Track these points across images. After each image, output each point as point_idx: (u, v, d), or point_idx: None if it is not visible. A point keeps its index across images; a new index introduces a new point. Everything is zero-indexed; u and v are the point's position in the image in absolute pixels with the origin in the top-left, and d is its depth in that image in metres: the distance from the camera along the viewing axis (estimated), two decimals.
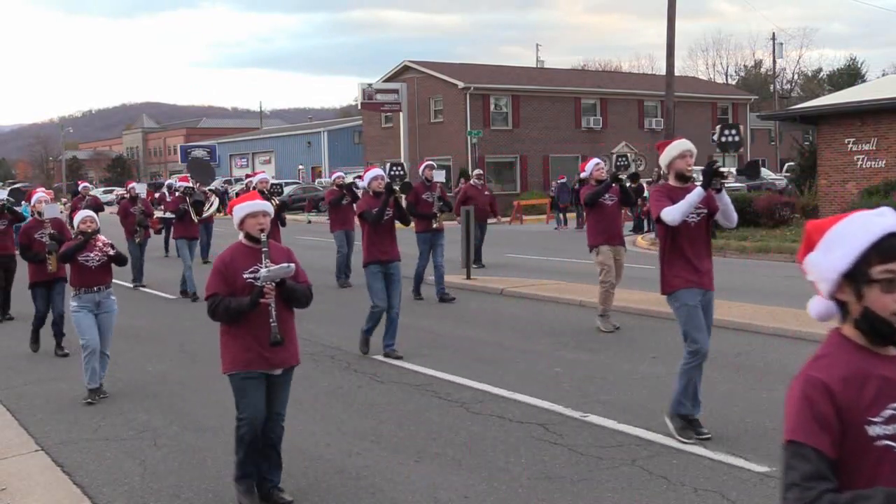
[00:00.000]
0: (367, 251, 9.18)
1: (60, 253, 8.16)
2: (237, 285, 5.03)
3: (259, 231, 5.10)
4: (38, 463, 6.32)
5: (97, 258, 7.94)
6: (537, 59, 66.20)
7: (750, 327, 10.28)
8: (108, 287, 8.06)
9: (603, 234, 10.37)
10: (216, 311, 5.02)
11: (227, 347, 5.16)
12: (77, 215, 8.32)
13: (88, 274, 7.94)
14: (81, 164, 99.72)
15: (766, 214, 23.32)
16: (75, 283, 7.99)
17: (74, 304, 7.89)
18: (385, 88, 42.76)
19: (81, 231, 8.04)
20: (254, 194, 5.36)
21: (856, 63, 76.82)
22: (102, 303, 7.97)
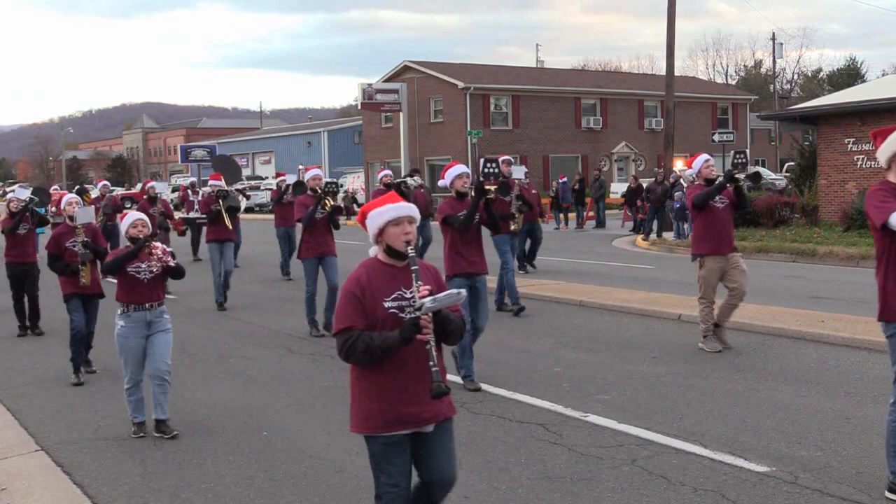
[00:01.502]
0: (450, 261, 8.03)
1: (107, 263, 6.81)
2: (377, 316, 3.83)
3: (406, 244, 3.89)
4: (38, 463, 6.32)
5: (150, 269, 6.76)
6: (537, 59, 66.24)
7: (750, 327, 10.29)
8: (161, 304, 6.83)
9: (711, 241, 9.07)
10: (353, 350, 3.80)
11: (361, 400, 3.97)
12: (125, 218, 6.99)
13: (139, 288, 6.71)
14: (81, 164, 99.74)
15: (766, 214, 23.34)
16: (123, 298, 6.72)
17: (121, 323, 6.68)
18: (385, 88, 42.77)
19: (132, 237, 6.81)
20: (392, 195, 4.07)
21: (855, 63, 76.87)
22: (154, 323, 6.75)
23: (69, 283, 8.74)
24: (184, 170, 68.08)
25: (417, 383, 3.82)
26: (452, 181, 8.15)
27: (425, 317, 3.73)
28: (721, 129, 42.65)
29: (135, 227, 6.81)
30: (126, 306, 6.71)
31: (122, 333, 6.69)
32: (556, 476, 5.65)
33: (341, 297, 3.91)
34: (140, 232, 6.79)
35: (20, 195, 11.58)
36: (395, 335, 3.75)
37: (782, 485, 5.36)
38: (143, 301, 6.69)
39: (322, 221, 10.49)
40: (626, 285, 14.40)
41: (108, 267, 6.78)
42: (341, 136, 60.32)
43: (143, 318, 6.70)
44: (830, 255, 17.61)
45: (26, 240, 11.41)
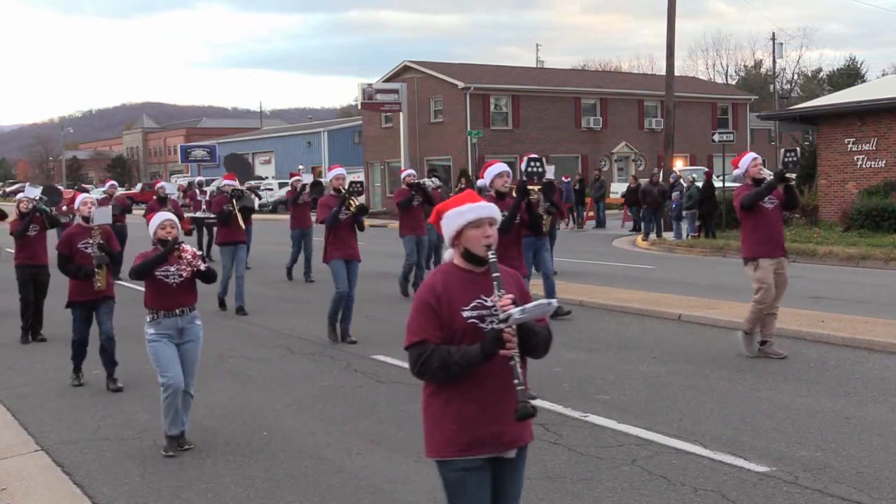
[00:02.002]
0: None
1: (136, 267, 6.37)
2: (454, 327, 3.44)
3: (486, 248, 3.50)
4: (38, 463, 6.32)
5: (180, 273, 6.40)
6: (537, 59, 66.25)
7: None
8: (193, 309, 6.51)
9: (763, 243, 8.76)
10: (428, 366, 3.40)
11: (438, 421, 3.53)
12: (153, 219, 6.56)
13: (168, 293, 6.37)
14: (81, 164, 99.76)
15: None
16: (152, 304, 6.39)
17: (151, 331, 6.35)
18: (385, 88, 42.75)
19: (161, 239, 6.44)
20: (470, 193, 3.68)
21: (855, 63, 76.84)
22: (186, 330, 6.44)
23: (77, 289, 8.24)
24: (184, 170, 68.06)
25: (499, 402, 3.46)
26: (492, 180, 7.72)
27: (509, 329, 3.34)
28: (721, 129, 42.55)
29: (163, 229, 6.43)
30: (155, 313, 6.36)
31: (152, 340, 6.33)
32: (556, 476, 5.65)
33: (414, 306, 3.50)
34: (169, 234, 6.42)
35: (30, 194, 11.14)
36: (475, 350, 3.37)
37: (782, 485, 5.36)
38: (172, 306, 6.35)
39: (346, 223, 9.99)
40: (626, 285, 14.41)
41: (137, 271, 6.36)
42: (341, 136, 60.29)
43: (173, 325, 6.37)
44: (830, 255, 17.62)
45: (37, 241, 10.94)
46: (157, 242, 6.45)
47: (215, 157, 49.94)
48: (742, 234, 9.13)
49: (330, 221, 9.89)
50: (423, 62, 45.44)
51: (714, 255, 20.10)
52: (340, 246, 9.99)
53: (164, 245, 6.40)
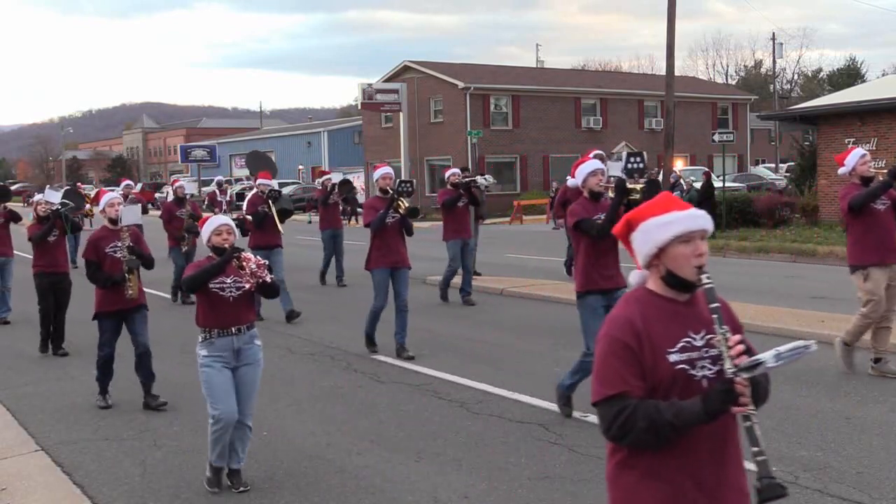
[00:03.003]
0: (583, 275, 6.73)
1: (189, 278, 5.54)
2: (658, 376, 2.64)
3: (698, 269, 2.71)
4: (38, 463, 6.32)
5: (238, 286, 5.54)
6: (537, 59, 66.24)
7: (750, 327, 10.25)
8: (252, 327, 5.64)
9: (875, 249, 7.78)
10: (630, 427, 2.65)
11: (633, 500, 2.83)
12: (206, 224, 5.75)
13: (224, 309, 5.51)
14: (81, 164, 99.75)
15: (766, 214, 23.34)
16: (205, 321, 5.56)
17: (203, 353, 5.54)
18: (385, 88, 42.74)
19: (216, 246, 5.58)
20: (668, 197, 2.83)
21: (855, 63, 76.80)
22: (243, 351, 5.55)
23: (105, 298, 7.53)
24: (184, 169, 68.10)
25: (717, 476, 2.70)
26: (586, 179, 6.87)
27: (741, 380, 2.57)
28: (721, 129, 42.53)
29: (219, 235, 5.61)
30: (208, 332, 5.53)
31: (205, 364, 5.51)
32: (556, 476, 5.65)
33: (605, 346, 2.69)
34: (225, 241, 5.58)
35: (50, 198, 10.41)
36: (695, 406, 2.57)
37: None
38: (228, 324, 5.50)
39: (394, 227, 9.17)
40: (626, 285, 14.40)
41: (190, 283, 5.52)
42: (341, 136, 60.29)
43: (228, 346, 5.51)
44: (830, 255, 17.61)
45: (57, 248, 10.28)
46: (212, 250, 5.61)
47: (215, 157, 49.98)
48: (849, 239, 8.13)
49: (376, 225, 9.08)
50: (424, 62, 45.45)
51: (714, 255, 20.09)
52: (386, 252, 9.17)
53: (220, 253, 5.55)
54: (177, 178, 16.97)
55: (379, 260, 9.19)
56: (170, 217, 14.15)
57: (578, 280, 6.79)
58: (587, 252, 6.70)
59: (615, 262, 6.75)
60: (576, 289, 6.85)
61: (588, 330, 6.78)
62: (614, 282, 6.70)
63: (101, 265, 7.52)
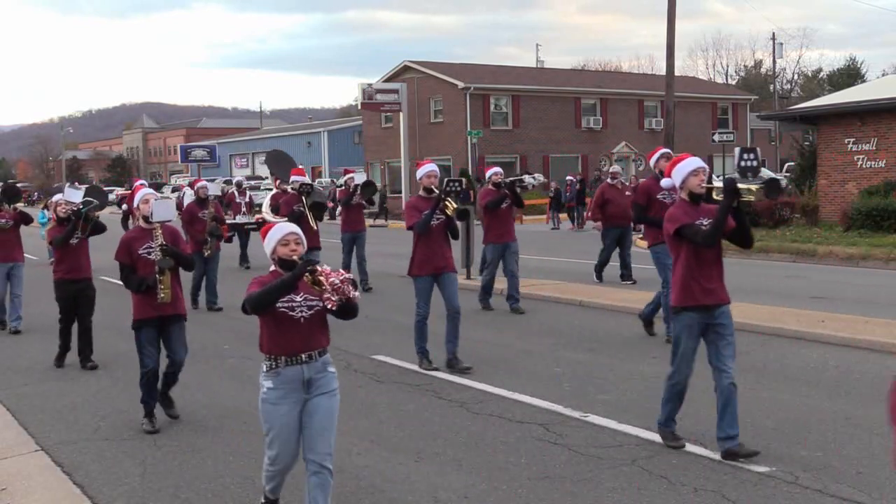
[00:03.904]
0: (682, 289, 5.96)
1: (255, 297, 4.55)
2: None
3: None
4: (38, 463, 6.32)
5: (309, 305, 4.63)
6: (537, 59, 66.25)
7: (750, 327, 10.29)
8: (325, 353, 4.76)
9: None
10: None
11: None
12: (270, 233, 4.82)
13: (293, 332, 4.62)
14: (81, 164, 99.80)
15: (766, 214, 23.33)
16: (270, 347, 4.66)
17: (268, 385, 4.62)
18: (385, 88, 42.77)
19: (284, 259, 4.69)
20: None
21: (855, 63, 76.79)
22: (315, 382, 4.67)
23: (143, 304, 6.88)
24: (184, 170, 68.07)
25: None
26: (686, 178, 6.01)
27: None
28: (721, 129, 42.65)
29: (286, 245, 4.71)
30: (274, 360, 4.63)
31: (269, 399, 4.62)
32: (556, 476, 5.65)
33: None
34: (293, 252, 4.69)
35: (71, 197, 9.52)
36: None
37: (782, 485, 5.36)
38: (298, 350, 4.61)
39: (439, 229, 8.51)
40: (626, 285, 14.41)
41: (255, 304, 4.55)
42: (341, 136, 60.30)
43: (298, 376, 4.62)
44: (830, 255, 17.61)
45: (79, 251, 9.38)
46: (279, 264, 4.73)
47: (215, 157, 50.02)
48: None
49: (421, 227, 8.42)
50: (423, 62, 45.46)
51: None
52: (431, 257, 8.51)
53: (289, 267, 4.63)
54: (198, 178, 16.01)
55: (423, 266, 8.54)
56: (191, 219, 13.22)
57: (675, 293, 6.04)
58: (687, 262, 5.93)
59: (718, 275, 5.97)
60: (672, 303, 6.12)
61: (679, 350, 6.08)
62: (716, 297, 5.94)
63: (136, 267, 6.93)
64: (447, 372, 8.55)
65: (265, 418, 4.66)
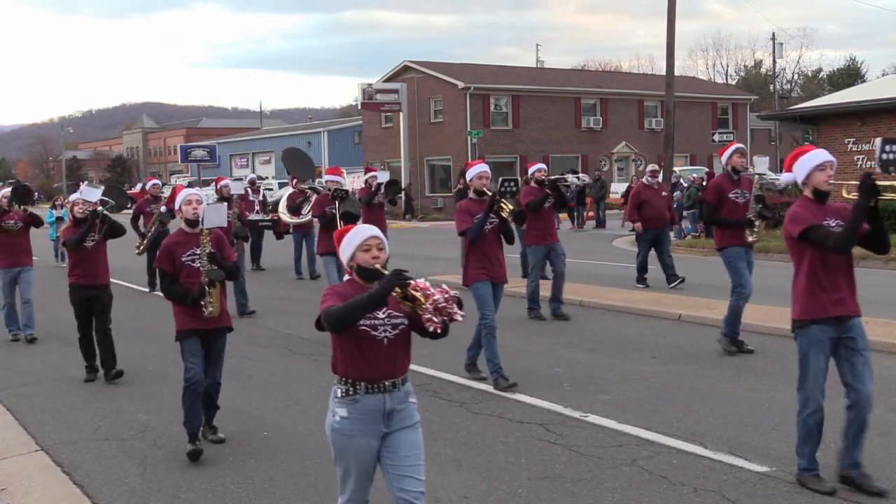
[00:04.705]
0: (807, 299, 5.54)
1: (335, 313, 3.81)
2: None
3: None
4: (38, 463, 6.33)
5: (395, 322, 3.99)
6: (537, 59, 66.27)
7: (750, 327, 10.28)
8: (407, 380, 4.11)
9: None
10: None
11: None
12: (347, 237, 4.10)
13: (376, 354, 3.96)
14: (81, 164, 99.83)
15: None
16: (345, 370, 3.99)
17: (342, 414, 3.99)
18: (385, 88, 42.79)
19: (363, 266, 4.04)
20: None
21: (856, 63, 76.82)
22: (397, 413, 4.06)
23: (187, 315, 6.36)
24: (184, 169, 68.13)
25: None
26: (811, 174, 5.46)
27: None
28: (721, 129, 42.70)
29: (367, 251, 4.03)
30: (351, 385, 3.98)
31: (343, 429, 4.00)
32: (556, 476, 5.65)
33: None
34: (376, 259, 4.02)
35: (88, 196, 8.99)
36: None
37: (782, 485, 5.36)
38: (380, 376, 3.98)
39: (492, 234, 7.91)
40: (626, 285, 14.41)
41: (336, 321, 3.81)
42: (341, 136, 60.31)
43: (379, 406, 3.99)
44: None
45: (96, 255, 8.79)
46: (358, 272, 4.06)
47: (215, 157, 50.04)
48: None
49: (474, 233, 7.79)
50: (423, 62, 45.47)
51: (714, 255, 20.06)
52: (486, 264, 7.90)
53: (369, 276, 4.01)
54: (221, 177, 15.16)
55: (479, 273, 7.92)
56: None
57: (799, 304, 5.54)
58: (812, 268, 5.40)
59: (848, 283, 5.42)
60: (794, 315, 5.62)
61: (808, 371, 5.53)
62: (846, 308, 5.39)
63: (178, 277, 6.37)
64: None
65: (338, 451, 4.09)
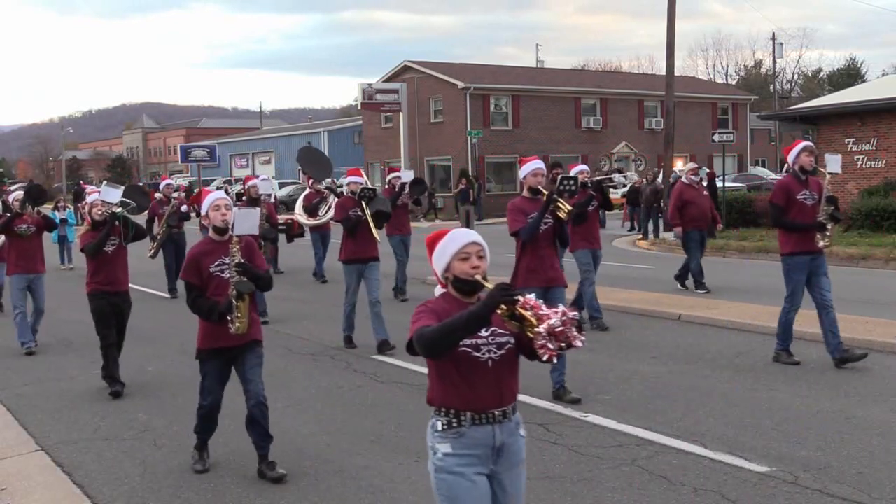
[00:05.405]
0: None
1: (432, 337, 3.28)
2: None
3: None
4: (38, 463, 6.33)
5: (500, 341, 3.50)
6: (537, 59, 66.28)
7: (750, 327, 10.30)
8: (515, 407, 3.57)
9: None
10: None
11: None
12: (444, 242, 3.59)
13: (480, 379, 3.46)
14: (81, 164, 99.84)
15: (766, 214, 23.32)
16: (446, 399, 3.53)
17: (444, 450, 3.50)
18: (385, 88, 42.79)
19: (462, 278, 3.54)
20: None
21: (855, 63, 76.90)
22: (507, 448, 3.51)
23: (211, 331, 5.77)
24: (184, 169, 68.12)
25: None
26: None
27: None
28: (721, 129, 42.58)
29: (465, 260, 3.55)
30: (455, 416, 3.50)
31: (448, 468, 3.48)
32: (556, 476, 5.65)
33: None
34: (476, 269, 3.55)
35: (108, 197, 8.31)
36: None
37: (782, 485, 5.36)
38: (486, 405, 3.47)
39: (546, 235, 7.22)
40: (626, 285, 14.41)
41: (434, 343, 3.28)
42: (341, 136, 60.37)
43: (487, 440, 3.47)
44: (830, 256, 17.54)
45: (116, 260, 8.19)
46: (456, 284, 3.58)
47: (215, 157, 49.98)
48: None
49: (528, 234, 7.17)
50: (423, 62, 45.47)
51: (714, 256, 20.09)
52: (538, 267, 7.28)
53: (468, 289, 3.57)
54: (250, 176, 14.47)
55: (529, 278, 7.23)
56: None
57: None
58: None
59: None
60: None
61: None
62: None
63: (205, 289, 5.76)
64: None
65: (445, 495, 3.47)
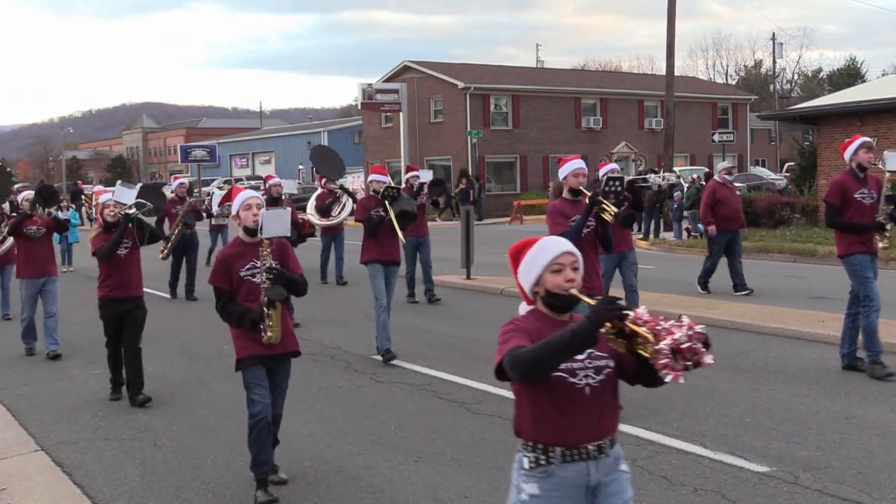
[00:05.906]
0: None
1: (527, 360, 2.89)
2: None
3: None
4: (38, 463, 6.33)
5: (599, 365, 3.07)
6: (537, 59, 66.28)
7: (750, 327, 10.30)
8: (614, 440, 3.18)
9: None
10: None
11: None
12: (533, 251, 3.18)
13: (572, 408, 3.05)
14: (81, 164, 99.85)
15: (766, 214, 23.34)
16: (537, 433, 3.17)
17: (530, 490, 3.12)
18: (385, 88, 42.77)
19: (556, 293, 3.13)
20: None
21: (855, 63, 76.84)
22: (604, 487, 3.11)
23: (247, 339, 5.44)
24: (184, 169, 68.13)
25: None
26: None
27: None
28: (721, 129, 42.62)
29: (558, 272, 3.12)
30: (542, 452, 3.13)
31: None
32: None
33: None
34: (571, 282, 3.11)
35: (122, 198, 7.94)
36: None
37: (782, 485, 5.36)
38: (581, 438, 3.07)
39: (587, 239, 6.59)
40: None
41: (530, 366, 2.89)
42: (341, 136, 60.34)
43: (581, 478, 3.06)
44: (830, 255, 17.58)
45: (129, 264, 7.83)
46: (549, 302, 3.18)
47: (215, 157, 50.01)
48: None
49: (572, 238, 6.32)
50: (423, 62, 45.47)
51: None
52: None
53: (563, 305, 3.15)
54: (271, 175, 14.21)
55: None
56: None
57: None
58: None
59: None
60: None
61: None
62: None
63: (236, 294, 5.42)
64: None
65: None
